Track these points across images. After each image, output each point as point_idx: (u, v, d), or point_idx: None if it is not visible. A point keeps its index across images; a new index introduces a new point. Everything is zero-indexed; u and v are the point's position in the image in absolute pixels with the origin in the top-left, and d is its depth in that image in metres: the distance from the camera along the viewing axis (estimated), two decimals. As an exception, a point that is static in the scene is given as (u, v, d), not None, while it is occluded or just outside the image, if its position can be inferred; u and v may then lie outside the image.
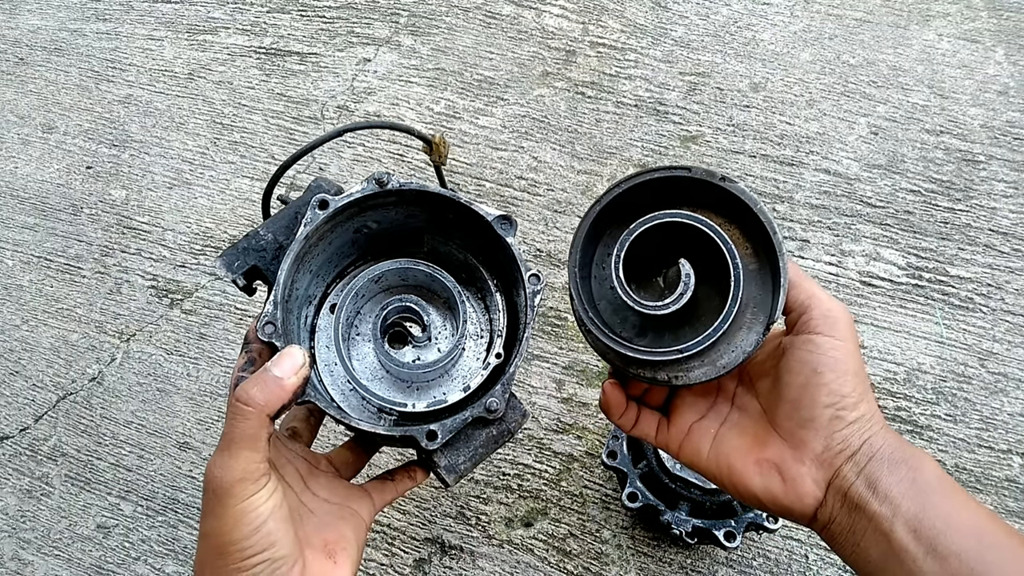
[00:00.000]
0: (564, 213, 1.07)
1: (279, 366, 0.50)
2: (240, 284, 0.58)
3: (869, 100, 1.14)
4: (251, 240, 0.59)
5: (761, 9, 1.26)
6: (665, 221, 0.51)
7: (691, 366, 0.51)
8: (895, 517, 0.45)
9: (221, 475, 0.47)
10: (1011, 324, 0.96)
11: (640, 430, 0.58)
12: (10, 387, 1.00)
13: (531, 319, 0.58)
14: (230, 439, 0.48)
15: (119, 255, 1.09)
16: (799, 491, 0.49)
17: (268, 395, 0.48)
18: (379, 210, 0.62)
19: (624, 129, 1.14)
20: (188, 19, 1.32)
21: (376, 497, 0.60)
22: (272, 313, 0.54)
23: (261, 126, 1.19)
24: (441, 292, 0.65)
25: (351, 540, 0.55)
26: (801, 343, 0.50)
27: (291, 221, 0.60)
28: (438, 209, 0.62)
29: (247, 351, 0.56)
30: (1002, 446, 0.88)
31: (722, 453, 0.53)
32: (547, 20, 1.27)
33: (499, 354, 0.62)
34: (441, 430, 0.54)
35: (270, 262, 0.59)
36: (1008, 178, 1.06)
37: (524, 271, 0.58)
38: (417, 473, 0.64)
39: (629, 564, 0.84)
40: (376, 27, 1.28)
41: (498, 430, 0.57)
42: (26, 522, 0.90)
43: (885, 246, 1.02)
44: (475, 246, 0.65)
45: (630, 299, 0.51)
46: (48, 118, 1.23)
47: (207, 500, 0.48)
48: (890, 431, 0.49)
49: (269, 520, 0.48)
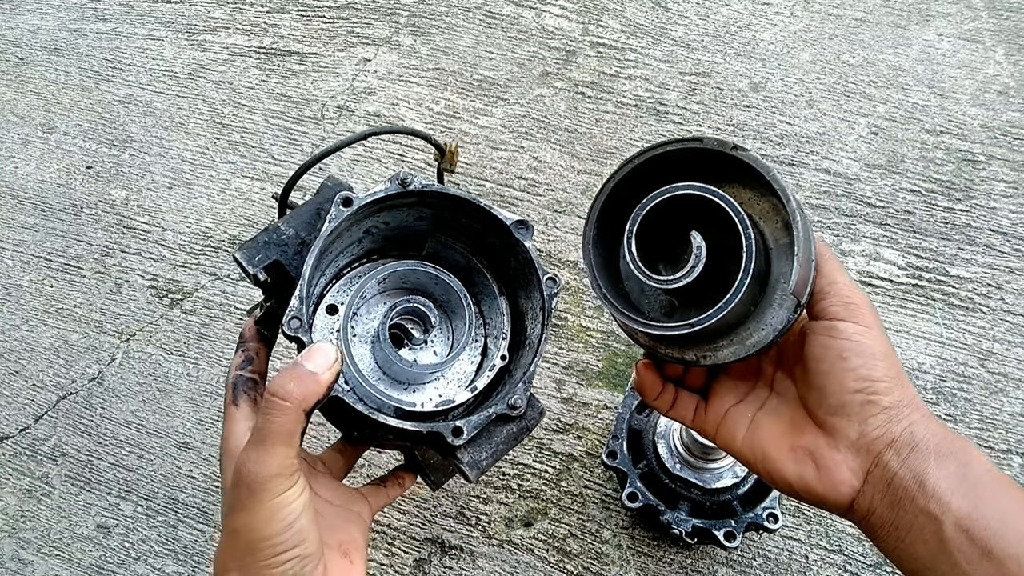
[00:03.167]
0: (564, 213, 1.07)
1: (312, 361, 0.48)
2: (261, 279, 0.58)
3: (869, 100, 1.14)
4: (272, 234, 0.58)
5: (761, 9, 1.26)
6: (678, 194, 0.49)
7: (719, 345, 0.49)
8: (944, 515, 0.43)
9: (257, 470, 0.46)
10: (1011, 324, 0.96)
11: (677, 412, 0.57)
12: (10, 387, 1.00)
13: (550, 322, 0.58)
14: (265, 434, 0.46)
15: (119, 255, 1.09)
16: (834, 479, 0.47)
17: (304, 390, 0.47)
18: (394, 211, 0.62)
19: (624, 129, 1.14)
20: (188, 19, 1.32)
21: (372, 501, 0.61)
22: (298, 308, 0.53)
23: (261, 126, 1.19)
24: (441, 296, 0.66)
25: (360, 541, 0.55)
26: (823, 328, 0.48)
27: (312, 217, 0.60)
28: (451, 212, 0.62)
29: (244, 349, 0.55)
30: (1002, 446, 0.88)
31: (757, 438, 0.52)
32: (547, 20, 1.27)
33: (504, 356, 0.63)
34: (467, 426, 0.54)
35: (292, 257, 0.58)
36: (1008, 178, 1.06)
37: (542, 274, 0.59)
38: (406, 479, 0.64)
39: (629, 564, 0.84)
40: (376, 27, 1.28)
41: (518, 427, 0.57)
42: (26, 522, 0.90)
43: (885, 246, 1.02)
44: (481, 249, 0.65)
45: (642, 273, 0.49)
46: (48, 118, 1.23)
47: (239, 495, 0.47)
48: (935, 420, 0.47)
49: (301, 516, 0.47)
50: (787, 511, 0.85)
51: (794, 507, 0.85)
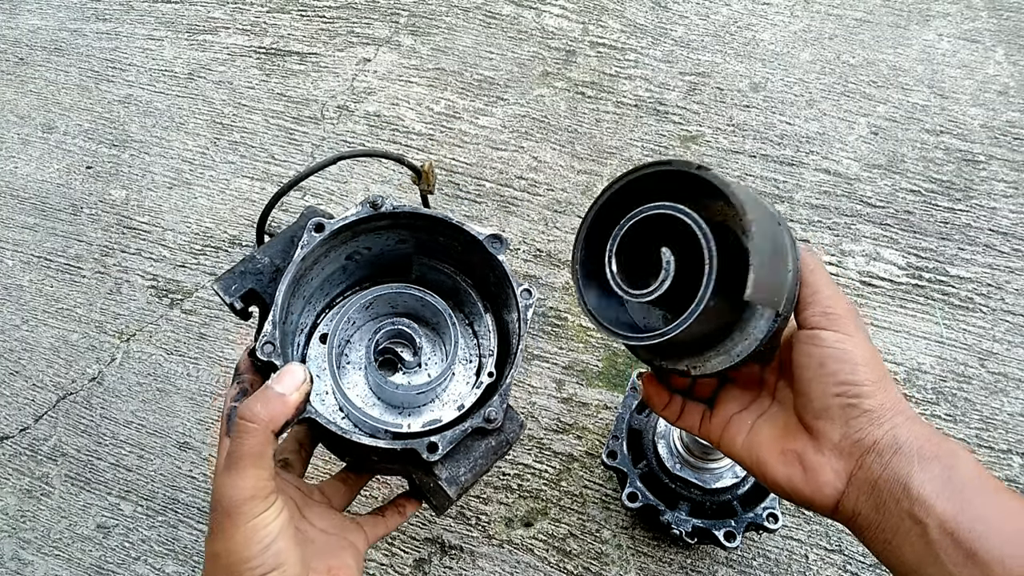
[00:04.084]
0: (564, 213, 1.07)
1: (280, 383, 0.50)
2: (238, 307, 0.59)
3: (869, 100, 1.15)
4: (248, 264, 0.60)
5: (761, 9, 1.26)
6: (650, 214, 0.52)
7: (708, 355, 0.52)
8: (929, 518, 0.44)
9: (231, 494, 0.47)
10: (1011, 324, 0.96)
11: (685, 421, 0.59)
12: (10, 387, 1.00)
13: (524, 332, 0.59)
14: (236, 457, 0.47)
15: (119, 255, 1.09)
16: (819, 480, 0.49)
17: (271, 411, 0.48)
18: (371, 235, 0.63)
19: (624, 129, 1.14)
20: (188, 19, 1.32)
21: (369, 531, 0.61)
22: (271, 333, 0.54)
23: (261, 126, 1.19)
24: (431, 318, 0.66)
25: (352, 568, 0.55)
26: (806, 337, 0.50)
27: (287, 245, 0.61)
28: (428, 232, 0.63)
29: (239, 381, 0.56)
30: (1002, 446, 0.88)
31: (754, 443, 0.53)
32: (547, 20, 1.27)
33: (491, 373, 0.63)
34: (441, 441, 0.54)
35: (267, 284, 0.59)
36: (1008, 178, 1.06)
37: (516, 286, 0.59)
38: (407, 506, 0.64)
39: (629, 564, 0.84)
40: (376, 27, 1.28)
41: (497, 440, 0.57)
42: (26, 522, 0.90)
43: (885, 246, 1.02)
44: (464, 267, 0.66)
45: (620, 289, 0.52)
46: (48, 118, 1.23)
47: (216, 519, 0.48)
48: (920, 423, 0.47)
49: (279, 538, 0.48)
50: (787, 511, 0.85)
51: (794, 507, 0.85)
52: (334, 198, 1.10)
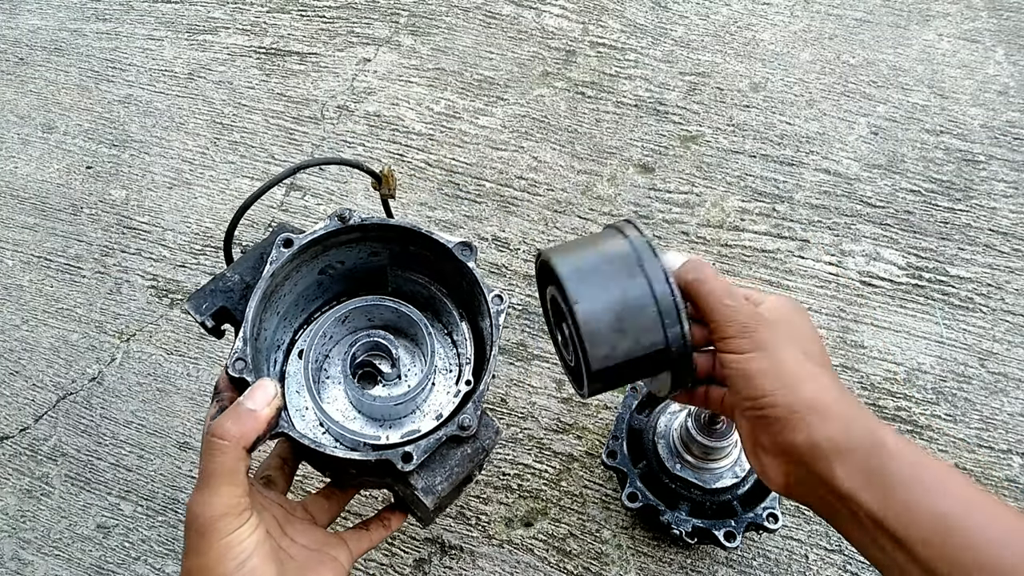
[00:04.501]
0: (564, 213, 1.07)
1: (251, 399, 0.50)
2: (209, 326, 0.59)
3: (869, 100, 1.15)
4: (218, 282, 0.60)
5: (761, 9, 1.26)
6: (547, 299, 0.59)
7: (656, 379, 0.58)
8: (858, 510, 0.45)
9: (203, 511, 0.47)
10: (1011, 324, 0.96)
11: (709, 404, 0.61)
12: (10, 387, 1.00)
13: (497, 339, 0.58)
14: (209, 475, 0.48)
15: (119, 255, 1.09)
16: (769, 476, 0.51)
17: (242, 427, 0.49)
18: (343, 248, 0.63)
19: (624, 129, 1.14)
20: (188, 19, 1.32)
21: (353, 546, 0.60)
22: (242, 349, 0.54)
23: (261, 126, 1.19)
24: (408, 329, 0.66)
25: None
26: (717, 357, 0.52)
27: (257, 262, 0.61)
28: (400, 244, 0.63)
29: (219, 400, 0.56)
30: (1002, 446, 0.88)
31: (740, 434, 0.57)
32: (547, 20, 1.27)
33: (468, 381, 0.63)
34: (416, 451, 0.54)
35: (238, 302, 0.59)
36: (1008, 178, 1.06)
37: (487, 292, 0.59)
38: (392, 519, 0.64)
39: (629, 564, 0.84)
40: (376, 27, 1.28)
41: (472, 448, 0.57)
42: (26, 522, 0.90)
43: (885, 246, 1.02)
44: (438, 276, 0.66)
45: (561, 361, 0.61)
46: (48, 118, 1.23)
47: (190, 538, 0.48)
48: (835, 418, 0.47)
49: (254, 555, 0.48)
50: (787, 511, 0.85)
51: (794, 507, 0.85)
52: (334, 198, 1.10)
